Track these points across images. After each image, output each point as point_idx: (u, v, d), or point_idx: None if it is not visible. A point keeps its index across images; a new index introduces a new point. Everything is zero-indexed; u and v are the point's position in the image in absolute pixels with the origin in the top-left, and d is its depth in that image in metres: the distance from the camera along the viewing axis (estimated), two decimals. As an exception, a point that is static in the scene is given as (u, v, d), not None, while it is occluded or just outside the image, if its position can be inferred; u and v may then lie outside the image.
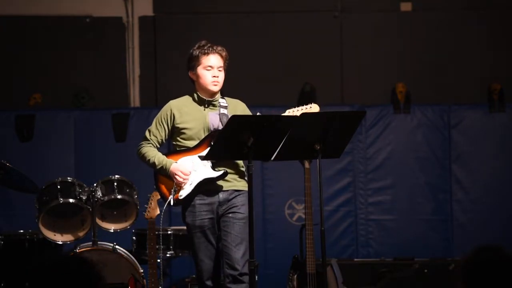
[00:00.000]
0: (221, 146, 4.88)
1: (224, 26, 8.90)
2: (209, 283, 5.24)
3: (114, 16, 9.20)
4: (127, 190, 6.62)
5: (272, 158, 4.89)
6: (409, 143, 8.51)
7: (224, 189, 5.21)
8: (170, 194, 5.25)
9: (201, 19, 9.13)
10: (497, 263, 2.91)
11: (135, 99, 9.18)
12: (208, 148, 5.09)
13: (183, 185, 5.18)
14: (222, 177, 5.17)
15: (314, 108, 5.11)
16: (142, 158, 5.32)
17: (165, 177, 5.27)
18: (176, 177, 5.17)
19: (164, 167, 5.21)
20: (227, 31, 8.74)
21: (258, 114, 5.26)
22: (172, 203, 5.25)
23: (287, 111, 5.17)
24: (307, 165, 6.39)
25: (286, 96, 8.80)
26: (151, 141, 5.32)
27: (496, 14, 9.09)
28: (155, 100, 9.14)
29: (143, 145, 5.34)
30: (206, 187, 5.19)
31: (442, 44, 9.08)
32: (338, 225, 8.44)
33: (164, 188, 5.32)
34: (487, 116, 8.52)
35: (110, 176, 6.63)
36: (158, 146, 5.35)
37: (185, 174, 5.16)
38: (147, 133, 5.35)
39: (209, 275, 5.23)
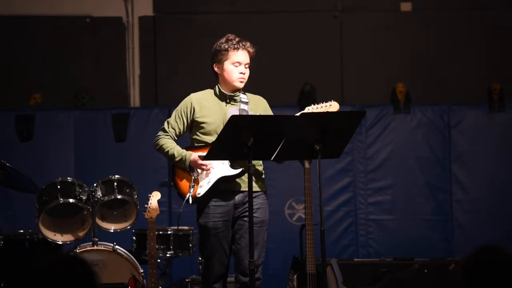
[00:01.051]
0: (221, 146, 4.87)
1: (224, 26, 8.89)
2: (216, 285, 5.17)
3: (114, 16, 9.20)
4: (127, 190, 6.62)
5: (272, 158, 4.88)
6: (409, 143, 8.51)
7: (240, 189, 5.13)
8: (187, 191, 5.13)
9: (201, 19, 9.13)
10: (498, 263, 2.91)
11: (135, 99, 9.18)
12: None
13: (198, 179, 5.10)
14: (240, 175, 5.08)
15: (334, 105, 5.08)
16: (160, 149, 5.22)
17: (182, 171, 5.18)
18: (201, 167, 5.07)
19: (184, 159, 5.10)
20: (227, 31, 8.70)
21: (258, 113, 5.26)
22: (190, 201, 5.12)
23: (307, 108, 5.12)
24: (307, 165, 6.39)
25: (286, 96, 8.80)
26: (169, 133, 5.23)
27: (495, 14, 9.09)
28: (155, 100, 9.14)
29: (161, 137, 5.24)
30: (223, 186, 5.11)
31: (442, 44, 9.08)
32: (338, 225, 8.44)
33: (182, 185, 5.19)
34: (487, 116, 8.52)
35: (110, 176, 6.62)
36: (176, 138, 5.25)
37: (208, 164, 5.06)
38: (165, 125, 5.26)
39: (216, 278, 5.17)
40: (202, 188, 5.12)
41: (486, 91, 8.66)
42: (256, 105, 5.26)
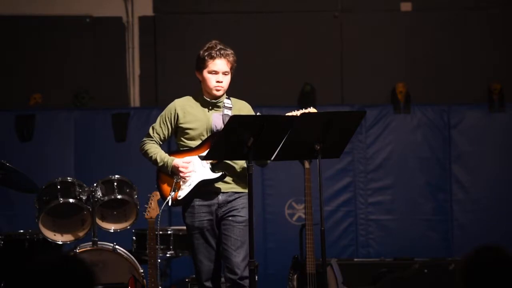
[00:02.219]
0: (221, 146, 4.88)
1: (224, 26, 8.90)
2: (208, 284, 5.22)
3: (114, 16, 9.20)
4: (127, 190, 6.61)
5: (272, 158, 4.89)
6: (409, 143, 8.51)
7: (223, 190, 5.19)
8: (169, 194, 5.24)
9: (201, 19, 9.13)
10: (497, 263, 2.91)
11: (135, 99, 9.18)
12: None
13: (187, 179, 5.16)
14: (220, 179, 5.15)
15: (311, 111, 5.11)
16: (145, 154, 5.31)
17: (166, 175, 5.26)
18: (180, 170, 5.14)
19: (166, 165, 5.19)
20: (227, 31, 8.74)
21: (258, 114, 5.27)
22: (170, 203, 5.24)
23: (286, 114, 5.16)
24: (307, 165, 6.39)
25: (286, 96, 8.80)
26: (154, 138, 5.31)
27: (496, 14, 9.09)
28: (155, 100, 9.14)
29: (146, 142, 5.32)
30: (205, 188, 5.17)
31: (442, 44, 9.08)
32: (338, 225, 8.44)
33: (164, 188, 5.30)
34: (487, 116, 8.52)
35: (110, 176, 6.62)
36: (161, 143, 5.34)
37: (187, 168, 5.14)
38: (150, 130, 5.34)
39: (208, 276, 5.22)
40: (183, 191, 5.19)
41: (486, 91, 8.66)
42: (240, 110, 5.27)
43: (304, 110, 5.12)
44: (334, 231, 8.37)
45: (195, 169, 5.17)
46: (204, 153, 5.12)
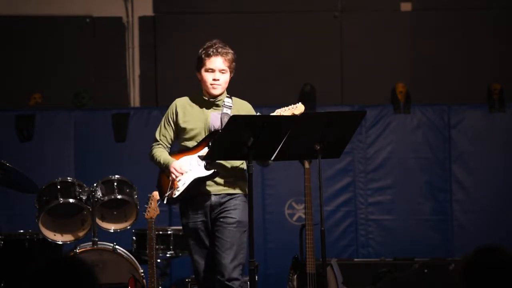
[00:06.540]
0: (221, 146, 4.88)
1: (224, 26, 8.90)
2: (205, 282, 5.23)
3: (114, 16, 9.20)
4: (127, 190, 6.62)
5: (272, 158, 4.89)
6: (409, 143, 8.51)
7: (216, 192, 5.17)
8: (166, 192, 5.25)
9: (201, 19, 9.12)
10: (498, 263, 2.91)
11: (135, 99, 9.18)
12: (206, 148, 5.09)
13: (176, 182, 5.17)
14: (212, 176, 5.12)
15: (299, 107, 5.11)
16: (152, 160, 5.31)
17: (165, 175, 5.26)
18: (171, 174, 5.15)
19: (167, 166, 5.19)
20: (227, 31, 8.73)
21: (258, 114, 5.26)
22: (165, 202, 5.26)
23: (276, 111, 5.14)
24: (307, 165, 6.39)
25: (286, 96, 8.79)
26: (161, 141, 5.30)
27: (496, 14, 9.09)
28: (155, 100, 9.14)
29: (153, 147, 5.32)
30: (200, 188, 5.16)
31: (442, 44, 9.08)
32: (338, 225, 8.44)
33: (162, 187, 5.31)
34: (487, 116, 8.53)
35: (110, 176, 6.63)
36: (168, 145, 5.33)
37: (178, 172, 5.12)
38: (156, 134, 5.34)
39: (204, 275, 5.23)
40: (178, 189, 5.18)
41: (486, 91, 8.66)
42: (239, 110, 5.23)
43: (292, 106, 5.11)
44: (334, 231, 8.37)
45: (192, 168, 5.15)
46: (201, 152, 5.12)
